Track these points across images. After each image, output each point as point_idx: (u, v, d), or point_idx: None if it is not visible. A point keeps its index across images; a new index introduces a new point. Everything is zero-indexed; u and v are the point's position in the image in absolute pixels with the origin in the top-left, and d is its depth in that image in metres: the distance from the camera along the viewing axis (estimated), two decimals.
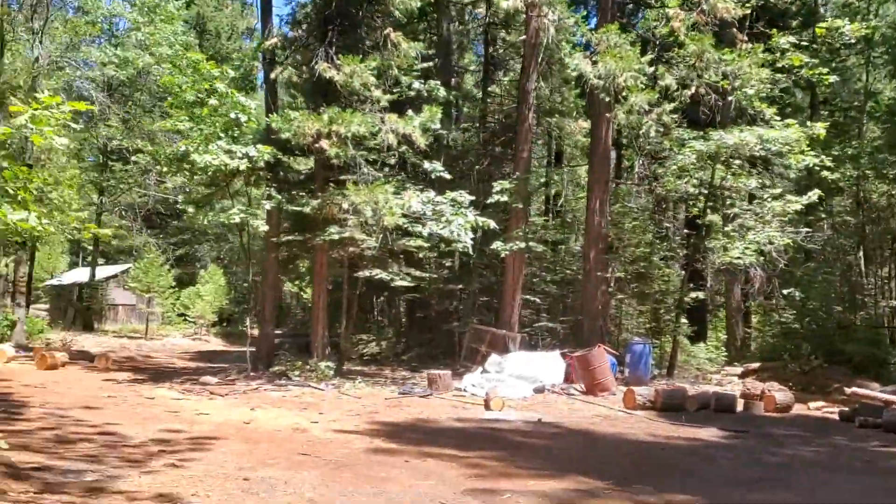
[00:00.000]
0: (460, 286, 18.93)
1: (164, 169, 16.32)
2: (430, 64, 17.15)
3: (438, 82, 16.33)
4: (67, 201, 28.88)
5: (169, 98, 16.06)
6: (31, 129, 3.98)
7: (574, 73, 17.56)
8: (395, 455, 7.81)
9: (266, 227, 14.72)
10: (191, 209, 15.47)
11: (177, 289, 35.18)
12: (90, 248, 37.62)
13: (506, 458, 7.79)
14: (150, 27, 21.05)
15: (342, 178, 14.78)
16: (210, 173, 14.56)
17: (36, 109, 3.21)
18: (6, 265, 26.59)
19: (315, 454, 7.71)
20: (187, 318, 34.56)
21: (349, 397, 12.84)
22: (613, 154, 21.17)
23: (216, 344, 29.93)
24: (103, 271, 40.14)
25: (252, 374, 14.84)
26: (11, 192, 4.67)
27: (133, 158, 27.25)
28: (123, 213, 46.66)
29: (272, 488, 5.92)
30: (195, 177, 15.10)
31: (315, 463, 7.29)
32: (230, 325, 35.79)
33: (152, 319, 36.12)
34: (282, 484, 6.11)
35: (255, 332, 17.74)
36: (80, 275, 37.15)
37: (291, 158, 16.27)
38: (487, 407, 11.59)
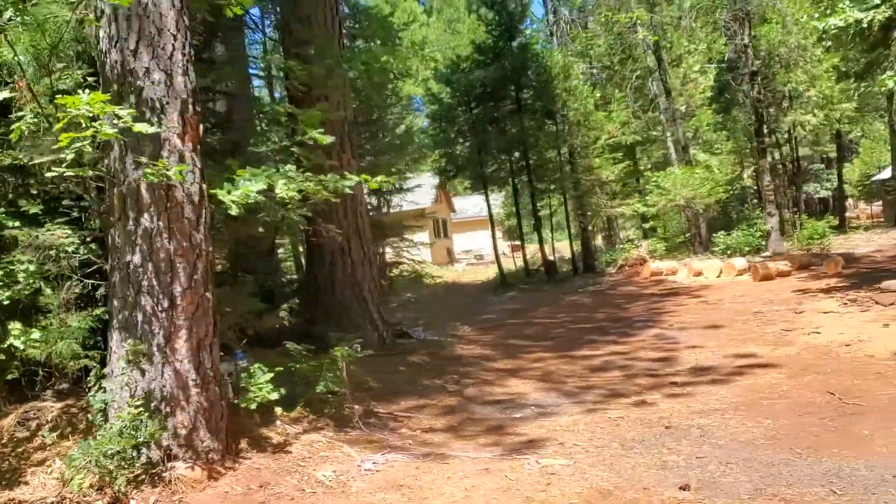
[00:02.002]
0: None
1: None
2: None
3: None
4: (828, 96, 26.88)
5: None
6: None
7: None
8: None
9: None
10: (851, 82, 12.86)
11: None
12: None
13: None
14: None
15: None
16: (846, 38, 11.82)
17: None
18: (750, 175, 27.22)
19: (849, 395, 5.70)
20: None
21: None
22: None
23: None
24: None
25: None
26: None
27: None
28: None
29: (665, 447, 4.85)
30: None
31: (823, 408, 5.45)
32: None
33: None
34: (695, 438, 4.98)
35: None
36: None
37: None
38: None
